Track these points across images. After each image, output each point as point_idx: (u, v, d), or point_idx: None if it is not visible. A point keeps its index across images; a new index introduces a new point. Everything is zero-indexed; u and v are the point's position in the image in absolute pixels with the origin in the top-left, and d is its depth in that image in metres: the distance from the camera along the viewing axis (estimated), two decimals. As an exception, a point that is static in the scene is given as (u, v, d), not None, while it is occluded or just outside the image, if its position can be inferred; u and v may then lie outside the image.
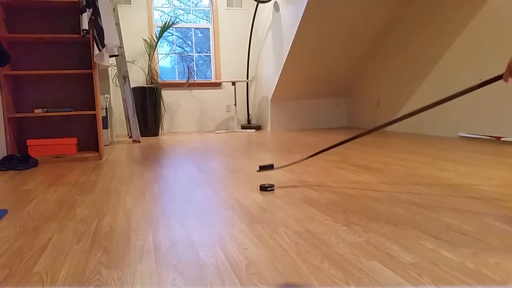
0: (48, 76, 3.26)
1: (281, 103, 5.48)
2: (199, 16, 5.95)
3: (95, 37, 2.93)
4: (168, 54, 5.87)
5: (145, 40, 5.51)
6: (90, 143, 3.41)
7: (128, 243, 1.21)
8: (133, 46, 5.52)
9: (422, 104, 4.32)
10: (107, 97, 4.14)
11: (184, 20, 5.87)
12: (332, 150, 3.25)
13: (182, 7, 5.87)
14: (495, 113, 3.46)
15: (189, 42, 5.98)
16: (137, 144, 4.23)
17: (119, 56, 4.28)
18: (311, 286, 0.89)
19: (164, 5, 5.78)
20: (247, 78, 5.94)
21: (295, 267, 1.00)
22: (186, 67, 5.65)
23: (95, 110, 3.16)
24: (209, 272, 0.98)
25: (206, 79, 6.00)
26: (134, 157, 3.21)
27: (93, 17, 2.94)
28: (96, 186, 2.09)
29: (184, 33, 5.96)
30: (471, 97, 3.70)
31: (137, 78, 5.55)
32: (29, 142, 3.10)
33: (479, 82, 3.56)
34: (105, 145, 4.08)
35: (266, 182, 2.06)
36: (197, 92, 5.86)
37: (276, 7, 5.09)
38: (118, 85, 5.17)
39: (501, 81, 3.38)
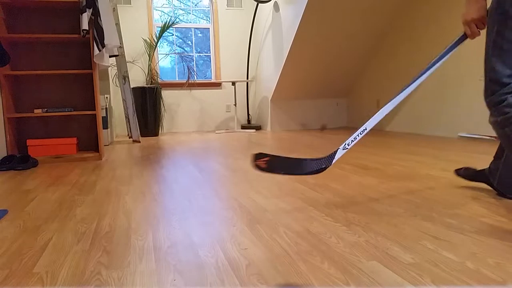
0: (48, 76, 3.26)
1: (281, 103, 5.48)
2: (199, 16, 5.95)
3: (95, 37, 2.93)
4: (168, 54, 5.87)
5: (145, 40, 5.51)
6: (90, 143, 3.41)
7: (128, 243, 1.21)
8: (133, 46, 5.52)
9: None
10: (107, 97, 4.14)
11: (184, 20, 5.87)
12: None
13: (182, 7, 5.87)
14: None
15: (189, 42, 5.98)
16: (137, 144, 4.23)
17: (119, 56, 4.28)
18: (311, 286, 0.89)
19: (164, 5, 5.78)
20: (247, 78, 5.94)
21: (295, 267, 1.00)
22: (186, 67, 5.65)
23: (95, 110, 3.16)
24: (209, 272, 0.98)
25: (206, 79, 6.00)
26: (134, 157, 3.21)
27: (93, 17, 2.94)
28: (96, 186, 2.09)
29: (184, 33, 5.96)
30: (471, 97, 3.70)
31: (137, 78, 5.55)
32: (29, 142, 3.10)
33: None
34: (105, 145, 4.08)
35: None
36: (197, 92, 5.86)
37: (276, 7, 5.09)
38: (118, 85, 5.17)
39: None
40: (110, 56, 3.39)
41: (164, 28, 5.21)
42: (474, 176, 1.76)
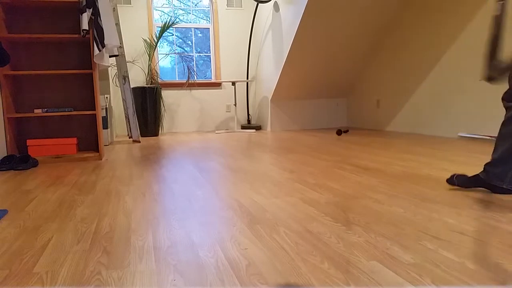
0: (48, 76, 3.26)
1: (281, 103, 5.48)
2: (199, 16, 5.95)
3: (95, 37, 2.93)
4: (168, 54, 5.87)
5: (145, 40, 5.51)
6: (90, 143, 3.41)
7: (128, 243, 1.21)
8: (133, 46, 5.52)
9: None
10: (107, 97, 4.14)
11: (184, 20, 5.87)
12: (331, 150, 3.25)
13: (182, 7, 5.87)
14: (495, 113, 3.46)
15: (189, 42, 5.98)
16: (137, 144, 4.23)
17: (119, 56, 4.28)
18: (311, 286, 0.89)
19: (164, 5, 5.78)
20: (247, 78, 5.94)
21: (295, 267, 1.00)
22: (186, 67, 5.65)
23: (95, 110, 3.16)
24: (209, 272, 0.98)
25: (206, 79, 6.00)
26: (134, 157, 3.21)
27: (93, 17, 2.94)
28: (96, 186, 2.09)
29: (184, 33, 5.96)
30: (471, 97, 3.70)
31: (137, 78, 5.55)
32: (29, 142, 3.10)
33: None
34: (105, 145, 4.08)
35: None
36: (197, 92, 5.86)
37: (276, 7, 5.09)
38: (118, 85, 5.17)
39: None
40: (110, 56, 3.39)
41: (164, 28, 5.21)
42: (469, 183, 1.76)
